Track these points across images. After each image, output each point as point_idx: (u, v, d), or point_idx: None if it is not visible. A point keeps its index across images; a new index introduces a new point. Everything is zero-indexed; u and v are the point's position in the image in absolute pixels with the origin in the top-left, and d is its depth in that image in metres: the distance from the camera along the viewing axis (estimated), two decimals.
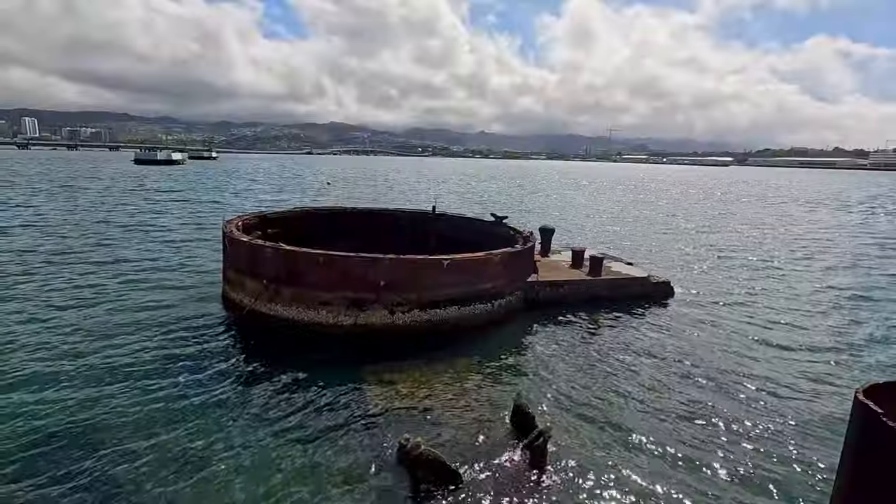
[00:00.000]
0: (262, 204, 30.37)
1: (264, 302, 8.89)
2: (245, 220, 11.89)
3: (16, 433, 5.57)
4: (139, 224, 20.91)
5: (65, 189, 35.88)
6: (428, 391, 6.96)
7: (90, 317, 9.30)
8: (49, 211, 23.92)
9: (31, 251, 14.50)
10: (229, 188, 43.28)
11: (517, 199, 40.58)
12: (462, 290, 9.19)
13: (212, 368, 7.44)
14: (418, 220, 14.63)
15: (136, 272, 12.68)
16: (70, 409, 6.11)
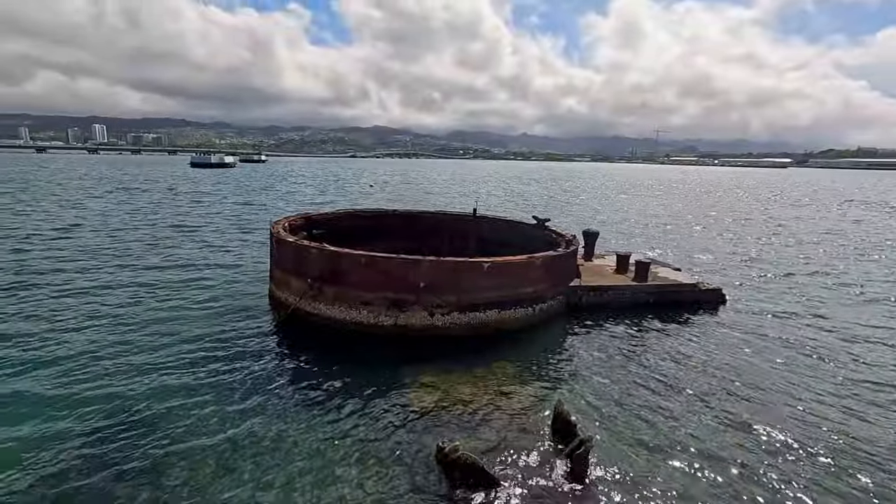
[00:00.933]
0: (306, 206, 31.26)
1: (308, 301, 9.13)
2: (291, 221, 12.26)
3: (75, 419, 5.96)
4: (192, 225, 21.97)
5: (127, 191, 38.22)
6: (466, 394, 6.92)
7: (144, 313, 9.83)
8: (112, 212, 25.55)
9: (96, 250, 15.51)
10: (276, 190, 44.84)
11: (560, 202, 39.92)
12: (502, 293, 9.11)
13: (257, 364, 7.71)
14: (459, 222, 14.63)
15: (189, 271, 13.32)
16: (126, 398, 6.48)
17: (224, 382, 7.03)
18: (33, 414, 5.99)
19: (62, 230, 19.08)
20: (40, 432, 5.63)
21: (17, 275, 12.13)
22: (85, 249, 15.45)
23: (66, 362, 7.40)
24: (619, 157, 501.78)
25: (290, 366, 7.78)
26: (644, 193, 53.93)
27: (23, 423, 5.80)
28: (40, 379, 6.88)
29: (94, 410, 6.16)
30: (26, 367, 7.20)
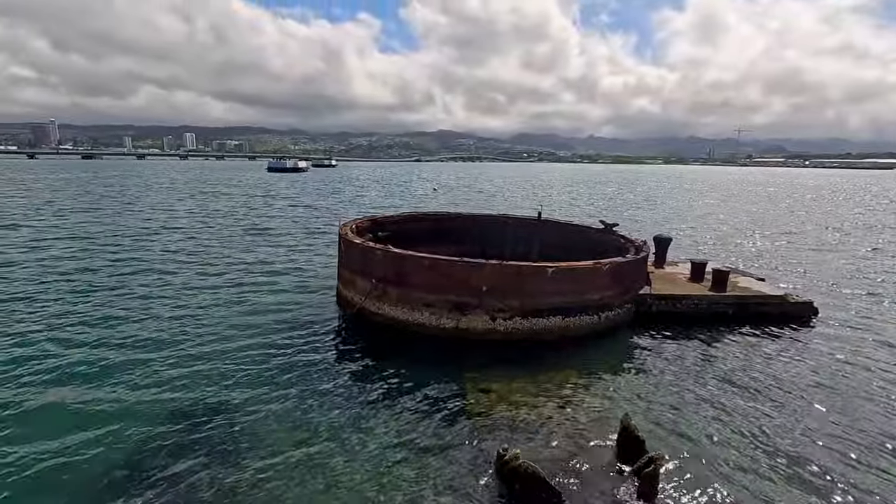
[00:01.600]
0: (372, 209, 32.21)
1: (373, 300, 9.37)
2: (358, 223, 12.66)
3: (151, 410, 6.48)
4: (266, 227, 23.32)
5: (208, 195, 41.32)
6: (528, 401, 6.78)
7: (221, 308, 10.54)
8: (196, 214, 27.71)
9: (178, 250, 16.85)
10: (344, 193, 46.63)
11: (629, 206, 38.29)
12: (567, 299, 8.85)
13: (323, 360, 8.01)
14: (523, 225, 14.43)
15: (262, 269, 14.15)
16: (200, 388, 6.96)
17: (290, 377, 7.36)
18: (117, 398, 6.58)
19: (151, 231, 20.97)
20: (121, 417, 6.15)
21: (110, 272, 13.45)
22: (170, 249, 16.84)
23: (146, 354, 8.04)
24: (694, 159, 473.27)
25: (354, 364, 8.01)
26: (722, 197, 50.47)
27: (106, 407, 6.37)
28: (122, 368, 7.54)
29: (169, 398, 6.66)
30: (113, 355, 7.92)
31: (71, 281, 12.22)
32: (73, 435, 5.70)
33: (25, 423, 5.91)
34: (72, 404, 6.38)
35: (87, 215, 25.64)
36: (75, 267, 13.76)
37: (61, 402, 6.44)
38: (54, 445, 5.50)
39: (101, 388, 6.83)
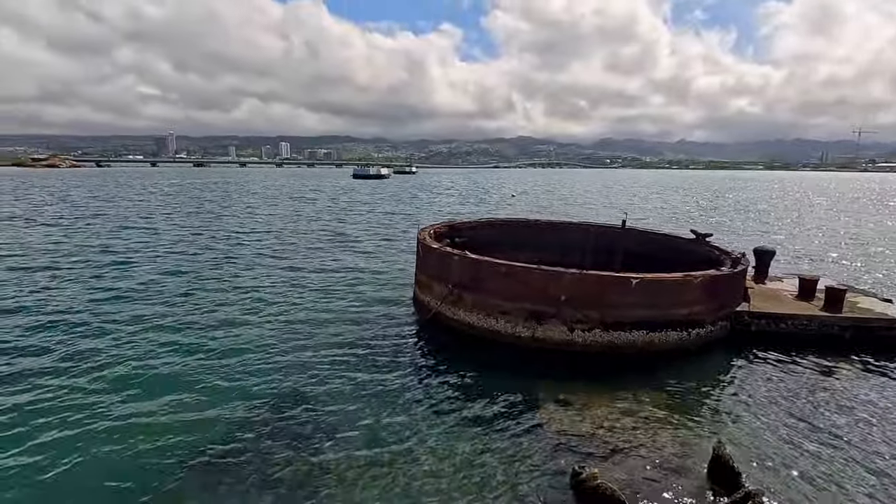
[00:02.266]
0: (449, 214, 32.62)
1: (449, 306, 9.44)
2: (436, 228, 12.86)
3: (239, 397, 6.98)
4: (347, 231, 24.43)
5: (296, 200, 44.15)
6: (607, 418, 6.45)
7: (300, 309, 11.13)
8: (285, 217, 29.71)
9: (263, 253, 18.07)
10: (421, 199, 47.68)
11: (725, 215, 35.40)
12: (652, 312, 8.32)
13: (397, 363, 8.18)
14: (605, 234, 13.84)
15: (342, 270, 14.82)
16: (277, 386, 7.38)
17: (366, 376, 7.60)
18: (196, 395, 7.07)
19: (245, 232, 22.78)
20: (198, 412, 6.59)
21: (205, 270, 14.76)
22: (259, 251, 18.13)
23: (228, 353, 8.53)
24: (801, 164, 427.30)
25: (429, 368, 8.10)
26: (839, 207, 45.03)
27: (185, 402, 6.87)
28: (202, 365, 8.14)
29: (249, 395, 7.09)
30: (194, 354, 8.48)
31: (173, 277, 13.64)
32: (170, 414, 6.33)
33: (127, 403, 6.62)
34: (166, 387, 7.07)
35: (192, 218, 28.51)
36: (175, 264, 15.33)
37: (156, 384, 7.17)
38: (156, 423, 6.14)
39: (193, 375, 7.49)
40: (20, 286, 12.36)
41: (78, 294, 11.73)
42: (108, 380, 7.28)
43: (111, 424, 6.09)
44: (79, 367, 7.66)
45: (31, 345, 8.55)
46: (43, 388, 6.97)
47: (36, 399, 6.68)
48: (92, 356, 8.09)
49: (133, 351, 8.34)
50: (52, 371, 7.53)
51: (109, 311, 10.38)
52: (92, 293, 11.83)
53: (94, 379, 7.29)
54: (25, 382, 7.15)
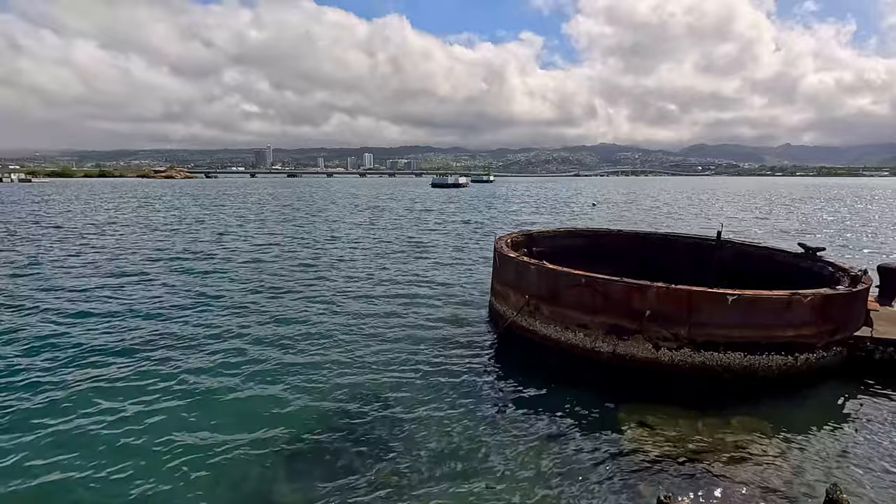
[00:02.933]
0: (525, 224, 32.17)
1: (525, 316, 9.27)
2: (513, 237, 12.72)
3: (315, 401, 7.27)
4: (424, 238, 24.88)
5: (376, 209, 45.82)
6: (697, 445, 5.93)
7: (376, 310, 11.45)
8: (363, 225, 30.91)
9: (338, 261, 18.85)
10: (499, 208, 47.50)
11: (840, 227, 31.54)
12: (751, 333, 7.57)
13: (470, 372, 8.13)
14: (696, 246, 12.88)
15: (418, 276, 15.09)
16: (350, 390, 7.61)
17: (439, 384, 7.63)
18: (272, 394, 7.42)
19: (324, 241, 23.98)
20: (278, 409, 6.95)
21: (278, 277, 15.66)
22: (336, 258, 18.93)
23: (304, 356, 8.88)
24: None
25: (503, 380, 7.97)
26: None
27: (264, 399, 7.26)
28: (278, 366, 8.55)
29: (323, 397, 7.33)
30: (271, 355, 8.91)
31: (255, 282, 14.67)
32: (248, 414, 6.73)
33: (208, 405, 7.04)
34: (244, 390, 7.53)
35: (280, 225, 30.62)
36: (257, 269, 16.46)
37: (233, 386, 7.67)
38: (235, 423, 6.56)
39: (272, 377, 7.94)
40: (121, 283, 13.98)
41: (170, 293, 13.03)
42: (193, 375, 7.96)
43: (198, 417, 6.63)
44: (168, 361, 8.47)
45: (135, 337, 9.60)
46: (146, 378, 7.78)
47: (133, 394, 7.46)
48: (177, 354, 8.89)
49: (215, 351, 9.03)
50: (153, 362, 8.39)
51: (196, 311, 11.34)
52: (181, 293, 13.07)
53: (178, 375, 7.98)
54: (118, 376, 8.01)
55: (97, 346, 8.98)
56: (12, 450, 5.73)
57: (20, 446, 5.82)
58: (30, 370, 7.96)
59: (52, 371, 7.93)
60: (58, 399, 6.99)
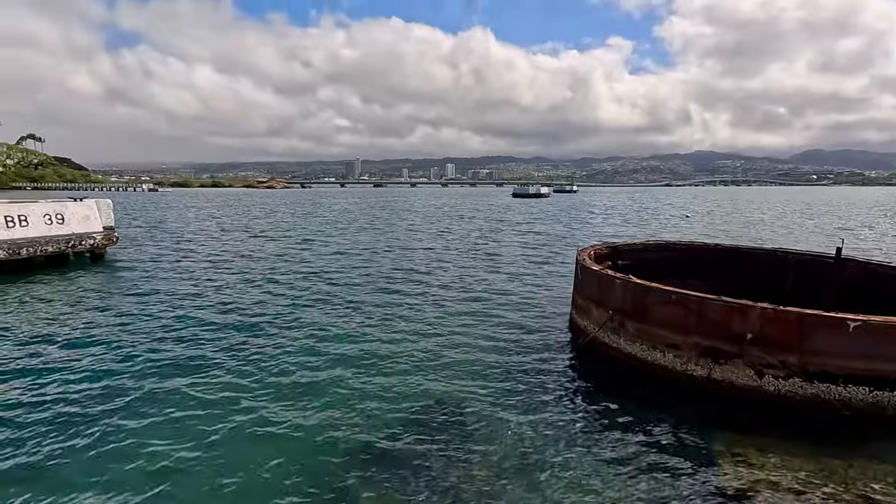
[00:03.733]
0: (608, 235, 30.78)
1: (608, 332, 8.82)
2: (597, 249, 12.21)
3: (390, 404, 7.38)
4: (502, 248, 24.65)
5: (455, 218, 46.23)
6: (812, 490, 5.23)
7: (454, 319, 11.46)
8: (444, 235, 31.29)
9: (415, 270, 19.15)
10: (582, 218, 45.94)
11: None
12: (880, 366, 6.57)
13: (549, 387, 7.85)
14: (810, 264, 11.50)
15: (497, 286, 14.94)
16: (421, 397, 7.62)
17: (516, 397, 7.44)
18: (347, 400, 7.66)
19: (402, 250, 24.54)
20: (353, 414, 7.12)
21: (356, 285, 16.15)
22: (410, 268, 19.25)
23: (377, 363, 8.96)
24: None
25: (583, 399, 7.61)
26: None
27: (340, 404, 7.49)
28: (353, 373, 8.79)
29: (398, 407, 7.39)
30: (347, 361, 9.17)
31: (332, 288, 15.29)
32: (328, 413, 6.99)
33: (287, 400, 7.46)
34: (317, 390, 7.83)
35: (362, 234, 31.96)
36: (335, 277, 17.20)
37: (311, 387, 8.00)
38: (314, 420, 6.85)
39: (352, 378, 8.21)
40: (221, 285, 15.29)
41: (258, 298, 14.01)
42: (273, 377, 8.44)
43: (277, 418, 7.03)
44: (250, 364, 9.08)
45: (217, 339, 10.44)
46: (222, 383, 8.42)
47: (212, 392, 8.08)
48: (258, 355, 9.44)
49: (296, 354, 9.48)
50: (228, 365, 9.06)
51: (280, 315, 11.93)
52: (268, 297, 13.94)
53: (256, 378, 8.46)
54: (202, 375, 8.70)
55: (198, 336, 9.93)
56: (120, 431, 6.46)
57: (128, 429, 6.55)
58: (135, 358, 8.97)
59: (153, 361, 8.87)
60: (159, 389, 7.80)
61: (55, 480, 5.33)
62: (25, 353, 9.08)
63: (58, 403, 7.08)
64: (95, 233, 19.31)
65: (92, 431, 6.32)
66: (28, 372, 8.22)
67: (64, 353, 9.05)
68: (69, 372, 8.20)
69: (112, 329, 10.53)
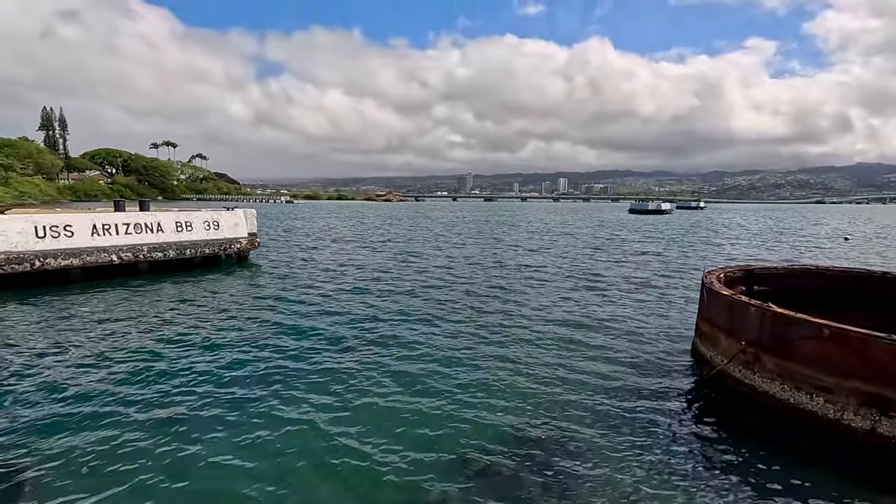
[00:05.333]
0: (741, 258, 27.44)
1: (739, 366, 7.82)
2: (728, 272, 10.96)
3: (491, 424, 7.21)
4: (610, 270, 23.21)
5: (561, 235, 44.69)
6: None
7: (561, 341, 10.95)
8: (541, 254, 30.37)
9: (519, 284, 18.66)
10: (706, 239, 41.52)
11: None
12: None
13: (664, 422, 7.14)
14: None
15: (609, 306, 14.06)
16: (529, 421, 7.34)
17: (625, 430, 6.88)
18: (449, 415, 7.60)
19: (506, 267, 24.17)
20: (450, 435, 7.04)
21: (454, 302, 16.12)
22: (514, 282, 18.86)
23: (478, 383, 8.95)
24: None
25: (703, 438, 6.78)
26: None
27: (439, 423, 7.46)
28: (458, 387, 8.67)
29: (498, 426, 7.21)
30: (449, 377, 9.20)
31: (430, 304, 15.49)
32: (424, 428, 7.05)
33: (388, 420, 7.65)
34: (415, 408, 7.93)
35: (466, 248, 32.28)
36: (433, 292, 17.42)
37: (404, 406, 8.12)
38: (412, 435, 6.94)
39: (450, 395, 8.21)
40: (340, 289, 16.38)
41: (361, 308, 14.72)
42: (359, 399, 8.77)
43: (379, 422, 7.27)
44: (329, 377, 9.51)
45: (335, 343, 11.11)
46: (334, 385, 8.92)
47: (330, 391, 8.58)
48: (338, 369, 9.88)
49: (384, 374, 9.77)
50: (341, 370, 9.58)
51: (376, 328, 12.48)
52: (369, 309, 14.58)
53: (337, 395, 8.87)
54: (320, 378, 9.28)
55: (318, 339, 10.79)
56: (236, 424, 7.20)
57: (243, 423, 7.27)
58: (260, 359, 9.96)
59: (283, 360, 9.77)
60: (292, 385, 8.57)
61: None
62: (192, 330, 10.68)
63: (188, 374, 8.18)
64: (242, 238, 22.15)
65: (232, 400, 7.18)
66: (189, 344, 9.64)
67: (211, 336, 10.46)
68: (206, 352, 9.45)
69: (245, 322, 11.99)
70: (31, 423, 6.72)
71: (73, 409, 7.14)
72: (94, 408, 7.18)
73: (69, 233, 16.49)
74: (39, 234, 15.81)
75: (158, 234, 19.11)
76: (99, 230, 17.31)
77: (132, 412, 7.06)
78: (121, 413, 7.05)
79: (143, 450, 6.06)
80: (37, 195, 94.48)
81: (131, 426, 6.66)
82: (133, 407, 7.23)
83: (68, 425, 6.68)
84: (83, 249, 16.75)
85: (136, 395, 7.63)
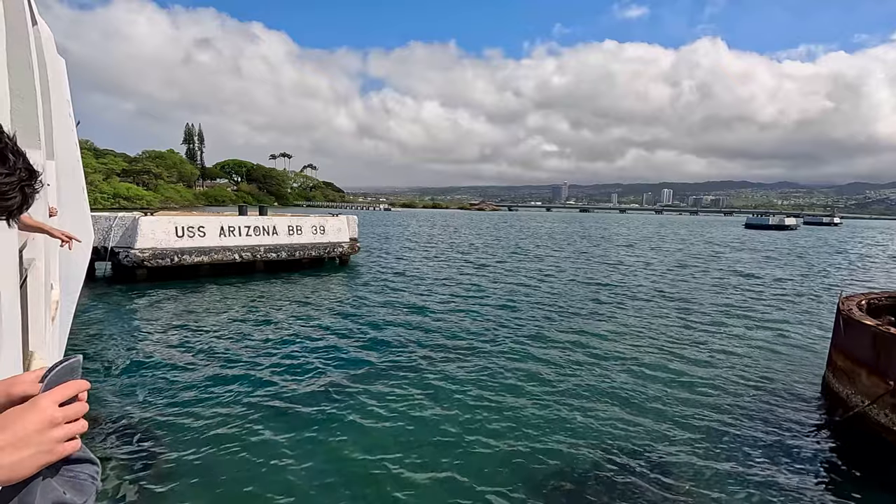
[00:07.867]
0: (879, 285, 23.49)
1: (884, 409, 6.69)
2: (872, 298, 9.48)
3: (594, 439, 6.83)
4: (729, 288, 21.09)
5: (654, 248, 41.46)
6: None
7: (661, 362, 10.14)
8: (635, 272, 28.34)
9: (619, 303, 17.51)
10: (835, 261, 35.92)
11: None
12: None
13: (788, 466, 6.26)
14: None
15: (724, 331, 12.78)
16: (628, 446, 6.84)
17: (738, 471, 6.17)
18: (542, 432, 7.33)
19: (592, 283, 22.94)
20: (540, 451, 6.77)
21: (551, 321, 15.48)
22: (614, 301, 17.79)
23: (576, 400, 8.57)
24: None
25: (838, 492, 5.84)
26: None
27: (532, 438, 7.19)
28: (555, 403, 8.34)
29: (592, 447, 6.84)
30: (554, 394, 8.89)
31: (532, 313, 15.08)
32: (521, 434, 6.89)
33: (487, 421, 7.57)
34: (520, 415, 7.74)
35: (557, 262, 31.21)
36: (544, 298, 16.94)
37: (510, 408, 7.94)
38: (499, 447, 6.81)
39: (550, 410, 7.94)
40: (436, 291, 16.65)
41: (454, 315, 14.75)
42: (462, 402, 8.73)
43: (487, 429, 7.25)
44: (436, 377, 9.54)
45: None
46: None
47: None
48: (436, 372, 9.88)
49: (479, 383, 9.69)
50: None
51: (478, 335, 12.44)
52: (464, 317, 14.57)
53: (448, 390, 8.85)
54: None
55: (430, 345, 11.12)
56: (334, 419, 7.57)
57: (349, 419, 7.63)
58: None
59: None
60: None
61: None
62: (302, 319, 11.64)
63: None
64: (344, 242, 23.63)
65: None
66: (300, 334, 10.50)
67: (315, 326, 11.28)
68: (309, 341, 10.19)
69: (338, 319, 12.86)
70: (175, 386, 7.84)
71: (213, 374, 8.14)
72: (222, 387, 8.09)
73: (202, 233, 18.81)
74: (178, 233, 18.21)
75: (273, 237, 21.08)
76: (225, 231, 19.53)
77: (259, 378, 7.85)
78: (251, 376, 8.11)
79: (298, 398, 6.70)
80: (178, 200, 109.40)
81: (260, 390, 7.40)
82: (261, 375, 8.04)
83: (199, 386, 7.73)
84: (212, 248, 18.99)
85: (263, 367, 8.47)
